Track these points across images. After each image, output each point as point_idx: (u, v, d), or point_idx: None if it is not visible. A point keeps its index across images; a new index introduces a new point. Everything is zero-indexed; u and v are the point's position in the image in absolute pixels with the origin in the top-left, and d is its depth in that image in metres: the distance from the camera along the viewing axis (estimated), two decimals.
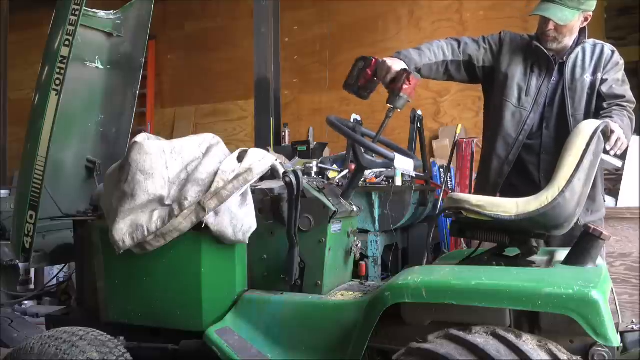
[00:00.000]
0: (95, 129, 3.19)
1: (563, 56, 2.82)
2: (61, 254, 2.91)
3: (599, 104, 2.77)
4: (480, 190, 2.93)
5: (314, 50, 7.61)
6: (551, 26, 2.73)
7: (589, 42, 2.84)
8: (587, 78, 2.79)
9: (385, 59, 2.61)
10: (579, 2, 2.68)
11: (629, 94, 2.77)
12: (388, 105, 2.46)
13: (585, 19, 2.77)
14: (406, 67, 2.58)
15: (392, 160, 2.33)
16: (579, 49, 2.81)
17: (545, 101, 2.84)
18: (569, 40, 2.80)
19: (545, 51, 2.80)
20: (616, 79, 2.78)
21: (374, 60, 2.62)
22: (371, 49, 6.58)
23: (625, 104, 2.73)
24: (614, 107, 2.69)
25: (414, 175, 2.44)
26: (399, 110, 2.46)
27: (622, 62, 2.84)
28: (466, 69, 2.91)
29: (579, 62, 2.81)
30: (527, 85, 2.84)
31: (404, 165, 2.36)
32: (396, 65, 2.56)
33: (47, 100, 2.55)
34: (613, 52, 2.84)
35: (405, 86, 2.42)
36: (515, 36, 2.94)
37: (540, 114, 2.84)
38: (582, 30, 2.81)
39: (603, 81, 2.77)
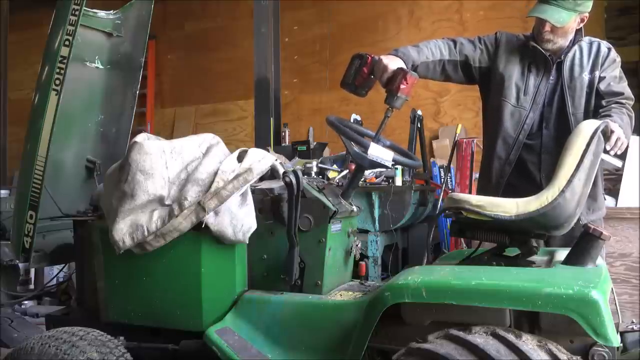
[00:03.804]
0: (95, 129, 3.19)
1: (560, 55, 2.83)
2: (61, 254, 2.91)
3: (597, 102, 2.77)
4: (482, 191, 2.93)
5: (314, 50, 7.61)
6: (547, 27, 2.73)
7: (585, 40, 2.84)
8: (586, 76, 2.79)
9: (381, 56, 2.59)
10: (576, 4, 2.68)
11: (627, 91, 2.77)
12: (385, 104, 2.46)
13: (582, 20, 2.77)
14: (403, 66, 2.57)
15: (367, 148, 2.33)
16: (575, 48, 2.82)
17: (545, 101, 2.84)
18: (564, 41, 2.80)
19: (542, 51, 2.81)
20: (614, 76, 2.79)
21: (369, 57, 2.60)
22: (371, 49, 6.54)
23: (623, 101, 2.73)
24: (612, 105, 2.69)
25: (390, 166, 2.42)
26: (397, 109, 2.46)
27: (618, 59, 2.84)
28: (463, 69, 2.91)
29: (577, 61, 2.81)
30: (525, 85, 2.84)
31: (381, 155, 2.35)
32: (392, 63, 2.54)
33: (47, 100, 2.55)
34: (609, 49, 2.84)
35: (402, 86, 2.41)
36: (511, 36, 2.95)
37: (540, 113, 2.85)
38: (578, 30, 2.82)
39: (601, 79, 2.77)
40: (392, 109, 2.44)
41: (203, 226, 2.21)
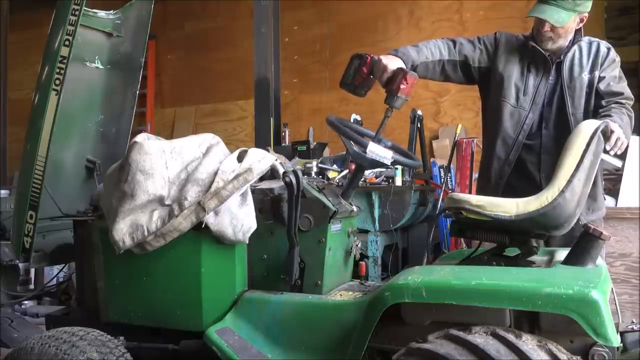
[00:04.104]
0: (95, 129, 3.19)
1: (560, 55, 2.83)
2: (61, 254, 2.91)
3: (597, 102, 2.77)
4: (482, 192, 2.93)
5: (314, 50, 7.61)
6: (547, 27, 2.73)
7: (584, 40, 2.85)
8: (585, 76, 2.80)
9: (381, 56, 2.59)
10: (575, 4, 2.68)
11: (627, 91, 2.78)
12: (386, 104, 2.46)
13: (581, 20, 2.78)
14: (403, 66, 2.57)
15: (366, 147, 2.33)
16: (575, 48, 2.82)
17: (544, 101, 2.84)
18: (564, 41, 2.80)
19: (542, 51, 2.81)
20: (613, 76, 2.79)
21: (369, 57, 2.59)
22: (371, 49, 6.54)
23: (623, 101, 2.73)
24: (612, 105, 2.70)
25: (389, 165, 2.42)
26: (397, 110, 2.46)
27: (618, 59, 2.84)
28: (462, 69, 2.91)
29: (577, 61, 2.81)
30: (524, 85, 2.84)
31: (380, 153, 2.35)
32: (392, 63, 2.54)
33: (47, 100, 2.55)
34: (609, 49, 2.84)
35: (402, 86, 2.41)
36: (511, 36, 2.95)
37: (539, 113, 2.85)
38: (577, 30, 2.82)
39: (601, 79, 2.78)
40: (392, 109, 2.44)
41: (203, 226, 2.21)
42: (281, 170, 2.35)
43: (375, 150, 2.33)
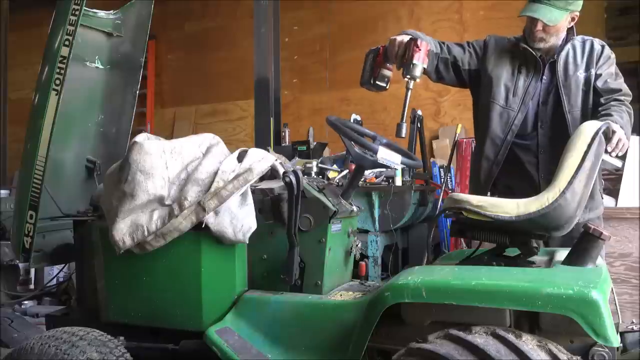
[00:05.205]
0: (95, 129, 3.18)
1: (553, 55, 2.83)
2: (61, 254, 2.91)
3: (596, 100, 2.78)
4: (473, 191, 2.94)
5: (314, 50, 7.61)
6: (539, 27, 2.74)
7: (577, 39, 2.86)
8: (581, 74, 2.80)
9: (391, 37, 2.64)
10: (567, 3, 2.69)
11: (625, 87, 2.78)
12: (405, 79, 2.47)
13: (572, 19, 2.79)
14: (412, 37, 2.60)
15: (376, 152, 2.33)
16: (568, 46, 2.83)
17: (539, 101, 2.85)
18: (556, 40, 2.81)
19: (533, 52, 2.82)
20: (610, 73, 2.79)
21: (382, 47, 2.64)
22: None
23: (622, 97, 2.73)
24: (611, 102, 2.70)
25: (399, 168, 2.43)
26: (417, 80, 2.47)
27: (613, 55, 2.85)
28: (454, 69, 2.93)
29: (571, 59, 2.82)
30: (514, 86, 2.85)
31: (389, 157, 2.35)
32: (401, 37, 2.60)
33: (47, 100, 2.55)
34: (603, 46, 2.85)
35: (415, 53, 2.44)
36: (501, 39, 2.96)
37: (534, 114, 2.85)
38: (569, 29, 2.83)
39: (597, 76, 2.78)
40: (411, 79, 2.46)
41: (203, 226, 2.21)
42: (281, 170, 2.35)
43: (386, 156, 2.34)
